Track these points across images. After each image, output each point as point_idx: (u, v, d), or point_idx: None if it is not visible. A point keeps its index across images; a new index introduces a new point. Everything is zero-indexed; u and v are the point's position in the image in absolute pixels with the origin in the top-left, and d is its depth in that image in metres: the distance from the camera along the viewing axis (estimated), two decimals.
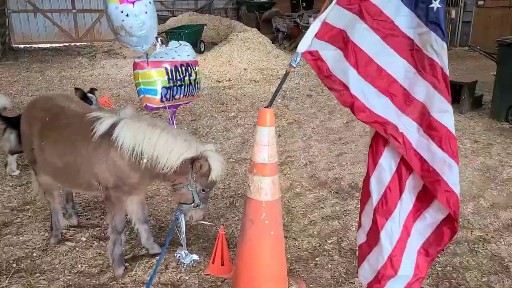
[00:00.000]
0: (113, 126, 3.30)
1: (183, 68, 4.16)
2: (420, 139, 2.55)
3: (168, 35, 14.14)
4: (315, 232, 4.17)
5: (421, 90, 2.50)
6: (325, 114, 8.24)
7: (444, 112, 2.46)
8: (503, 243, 3.97)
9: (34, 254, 3.78)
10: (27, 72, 12.53)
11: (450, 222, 2.60)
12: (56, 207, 3.94)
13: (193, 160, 3.18)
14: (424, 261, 2.78)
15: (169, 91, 4.06)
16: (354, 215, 4.44)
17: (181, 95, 4.21)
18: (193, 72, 4.24)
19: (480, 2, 15.74)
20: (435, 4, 2.38)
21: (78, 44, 18.68)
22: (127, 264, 3.62)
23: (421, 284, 2.84)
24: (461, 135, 6.79)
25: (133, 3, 3.52)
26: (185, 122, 7.69)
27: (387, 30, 2.51)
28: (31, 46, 17.97)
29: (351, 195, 4.94)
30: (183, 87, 4.11)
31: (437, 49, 2.41)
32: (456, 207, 2.51)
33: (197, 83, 4.39)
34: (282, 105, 8.89)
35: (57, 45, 18.34)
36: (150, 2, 3.72)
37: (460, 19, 16.52)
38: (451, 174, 2.48)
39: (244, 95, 9.70)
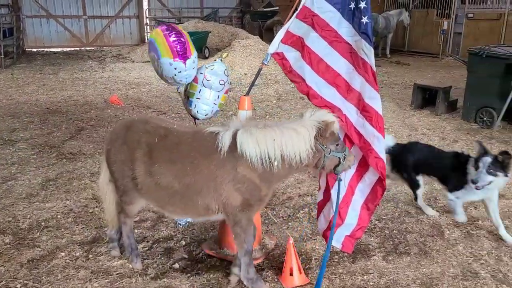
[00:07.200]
0: (233, 139, 3.14)
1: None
2: (358, 119, 3.39)
3: None
4: (291, 205, 5.00)
5: (357, 82, 3.35)
6: None
7: (373, 99, 3.30)
8: (445, 215, 4.77)
9: (59, 216, 4.63)
10: (40, 74, 13.49)
11: (381, 182, 3.44)
12: (131, 228, 3.81)
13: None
14: (366, 214, 3.62)
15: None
16: None
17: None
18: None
19: (470, 15, 16.58)
20: (365, 20, 3.25)
21: (88, 48, 19.69)
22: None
23: (363, 232, 3.68)
24: (432, 133, 7.64)
25: (185, 62, 3.76)
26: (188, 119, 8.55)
27: (332, 38, 3.37)
28: (43, 50, 18.99)
29: None
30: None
31: (367, 52, 3.27)
32: (383, 169, 3.35)
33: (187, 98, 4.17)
34: (276, 106, 9.75)
35: (68, 49, 19.34)
36: (195, 57, 3.88)
37: (452, 30, 17.38)
38: (379, 144, 3.32)
39: None
